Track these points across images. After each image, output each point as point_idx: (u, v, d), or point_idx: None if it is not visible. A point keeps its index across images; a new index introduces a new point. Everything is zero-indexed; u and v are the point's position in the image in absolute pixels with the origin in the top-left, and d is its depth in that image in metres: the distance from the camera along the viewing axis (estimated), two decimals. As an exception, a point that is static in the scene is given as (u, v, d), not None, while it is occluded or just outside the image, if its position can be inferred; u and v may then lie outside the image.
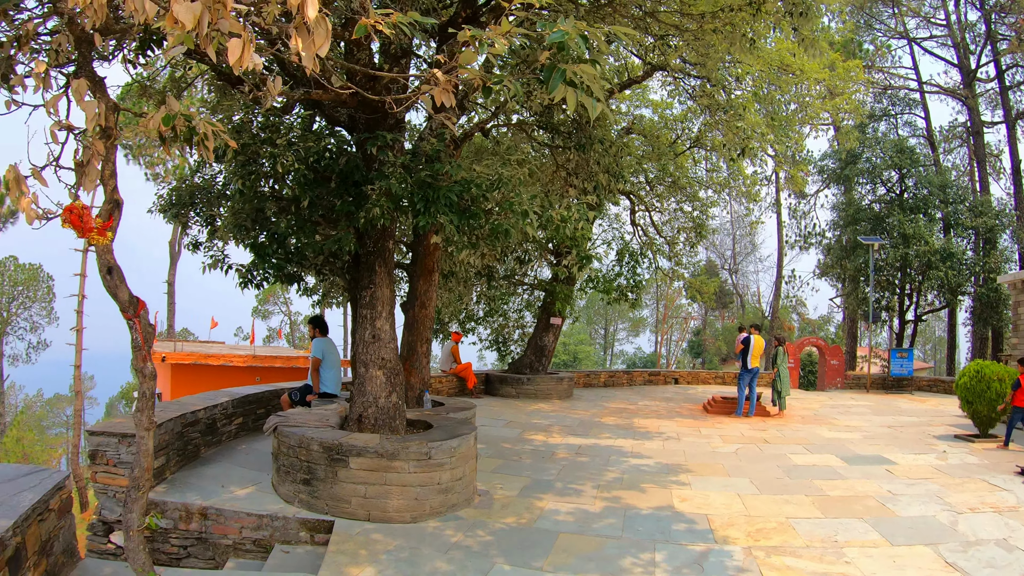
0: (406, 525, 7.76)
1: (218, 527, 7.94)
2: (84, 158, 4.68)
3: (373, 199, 7.96)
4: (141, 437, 5.22)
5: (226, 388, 12.98)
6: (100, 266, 4.91)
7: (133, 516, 5.16)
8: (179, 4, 3.19)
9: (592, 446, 12.91)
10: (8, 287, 31.61)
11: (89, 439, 8.35)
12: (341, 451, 7.90)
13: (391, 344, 9.09)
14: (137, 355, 5.16)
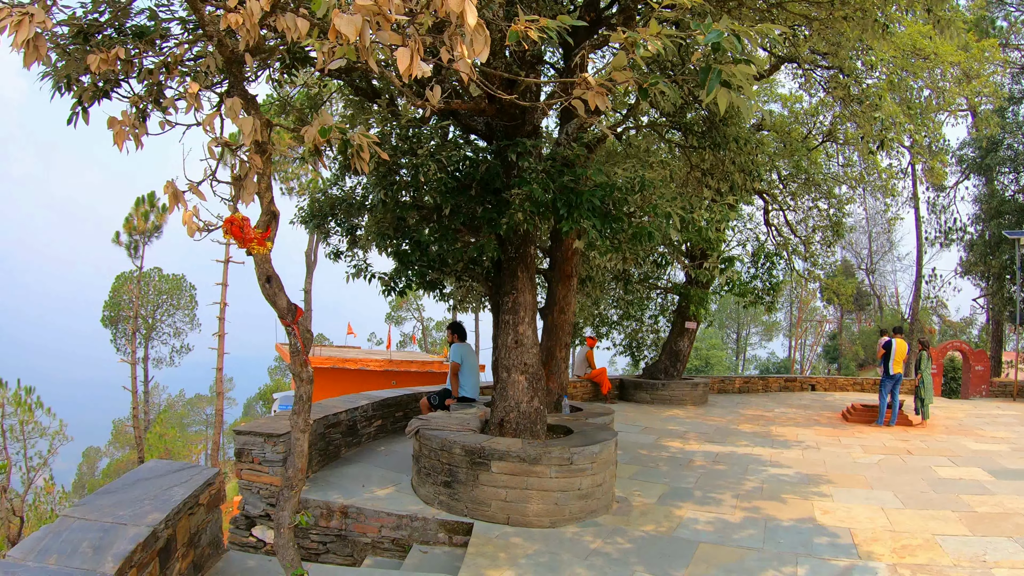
0: (545, 530, 7.72)
1: (358, 525, 8.10)
2: (241, 172, 4.83)
3: (516, 205, 7.95)
4: (296, 438, 5.35)
5: (365, 391, 13.25)
6: (259, 275, 5.05)
7: (285, 514, 5.29)
8: (340, 18, 3.23)
9: (729, 454, 12.61)
10: (153, 296, 33.41)
11: (236, 438, 8.65)
12: (483, 455, 7.92)
13: (533, 349, 9.08)
14: (295, 360, 5.29)
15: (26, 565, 4.12)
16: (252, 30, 3.87)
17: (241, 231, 4.67)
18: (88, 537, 4.50)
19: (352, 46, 3.43)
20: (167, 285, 35.12)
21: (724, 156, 10.82)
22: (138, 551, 4.47)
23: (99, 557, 4.25)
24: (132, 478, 6.06)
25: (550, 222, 8.51)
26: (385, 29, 3.36)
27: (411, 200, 9.45)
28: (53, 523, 4.79)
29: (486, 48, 3.54)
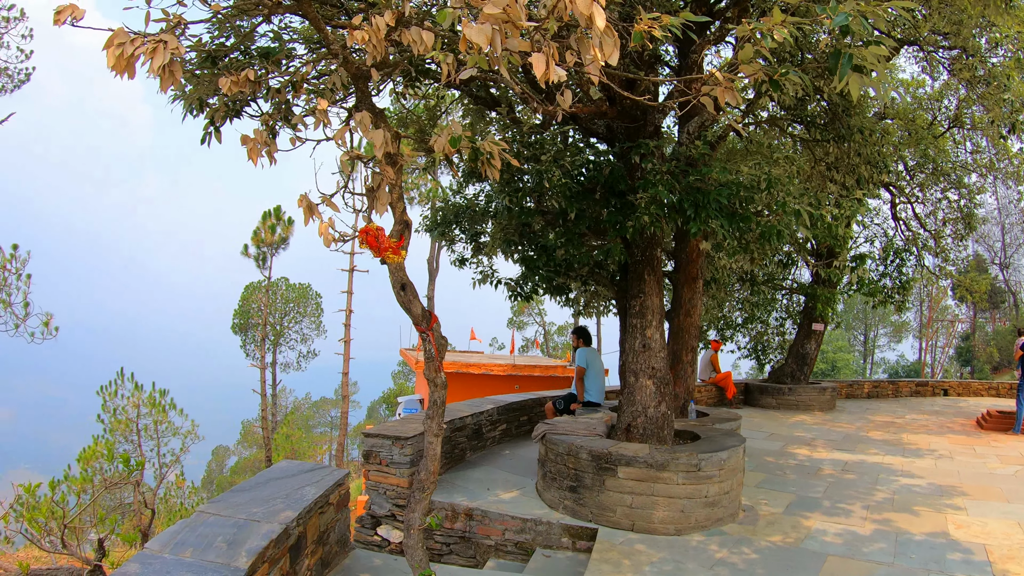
0: (670, 537, 7.56)
1: (482, 528, 8.13)
2: (374, 184, 4.92)
3: (642, 208, 7.85)
4: (430, 442, 5.42)
5: (489, 396, 13.33)
6: (393, 283, 5.14)
7: (416, 515, 5.35)
8: (470, 28, 3.23)
9: (859, 462, 12.14)
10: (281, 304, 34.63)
11: (364, 440, 8.80)
12: (610, 460, 7.81)
13: (661, 353, 8.94)
14: (429, 366, 5.36)
15: (163, 557, 4.28)
16: (379, 46, 3.93)
17: (376, 241, 4.76)
18: (222, 532, 4.65)
19: (483, 55, 3.44)
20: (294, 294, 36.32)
21: (848, 148, 10.42)
22: (271, 547, 4.60)
23: (233, 552, 4.38)
24: (264, 477, 6.25)
25: (676, 224, 8.36)
26: (514, 36, 3.35)
27: (535, 206, 9.45)
28: (189, 518, 4.97)
29: (615, 50, 3.48)
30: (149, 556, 4.28)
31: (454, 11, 3.62)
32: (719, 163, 8.32)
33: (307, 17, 4.55)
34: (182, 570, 4.10)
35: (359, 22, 3.94)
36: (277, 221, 32.06)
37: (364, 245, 4.80)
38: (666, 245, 12.69)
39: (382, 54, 4.02)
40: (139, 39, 3.72)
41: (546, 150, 8.69)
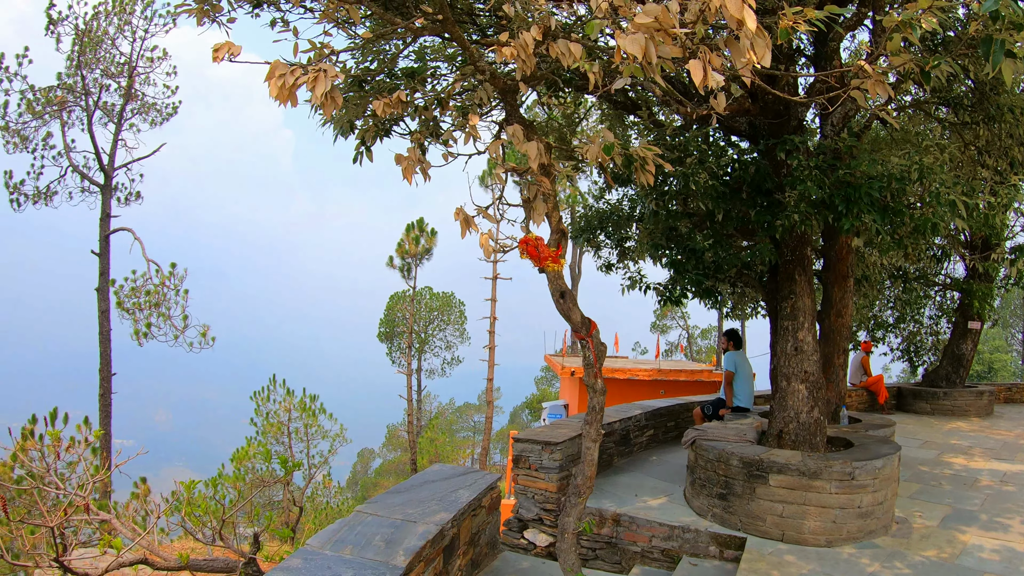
0: (820, 549, 7.35)
1: (629, 534, 8.11)
2: (530, 194, 5.01)
3: (791, 206, 7.68)
4: (588, 447, 5.48)
5: (636, 401, 13.28)
6: (552, 291, 5.23)
7: (570, 520, 5.42)
8: (624, 38, 3.27)
9: (1018, 473, 11.43)
10: (425, 312, 35.45)
11: (514, 445, 8.92)
12: (761, 467, 7.65)
13: (814, 356, 8.70)
14: (589, 371, 5.42)
15: (324, 554, 4.49)
16: (528, 60, 4.01)
17: (536, 250, 4.86)
18: (380, 532, 4.83)
19: (637, 64, 3.47)
20: (437, 302, 37.13)
21: (999, 129, 9.84)
22: (427, 547, 4.74)
23: (391, 550, 4.54)
24: (419, 479, 6.44)
25: (825, 221, 8.12)
26: (667, 43, 3.37)
27: (681, 208, 9.36)
28: (347, 517, 5.19)
29: (767, 51, 3.46)
30: (311, 552, 4.49)
31: (602, 22, 3.67)
32: (866, 154, 8.02)
33: (452, 37, 4.69)
34: (342, 567, 4.28)
35: (505, 39, 4.03)
36: (420, 232, 32.84)
37: (524, 255, 4.89)
38: (814, 243, 12.35)
39: (531, 68, 4.09)
40: (298, 69, 3.92)
41: (690, 152, 8.60)
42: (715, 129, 9.77)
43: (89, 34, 23.09)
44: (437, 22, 4.55)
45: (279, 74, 3.83)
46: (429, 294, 36.64)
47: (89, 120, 24.03)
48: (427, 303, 36.21)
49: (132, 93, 24.75)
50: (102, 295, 23.49)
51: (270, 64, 3.93)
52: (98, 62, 23.87)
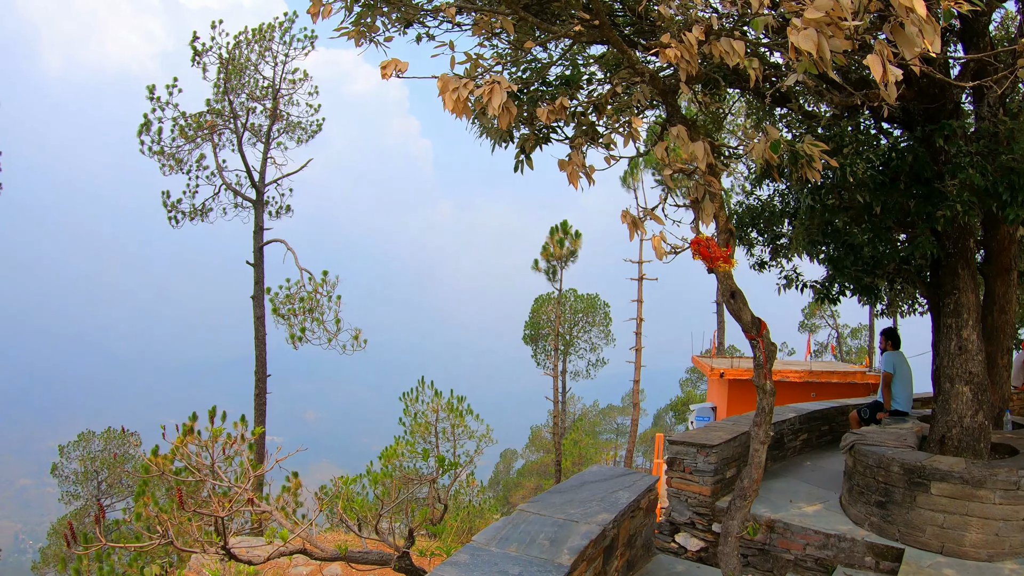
0: (980, 563, 6.97)
1: (783, 541, 7.95)
2: (698, 194, 5.01)
3: (953, 195, 7.33)
4: (756, 450, 5.44)
5: (788, 404, 12.98)
6: (723, 291, 5.21)
7: (734, 523, 5.37)
8: (796, 35, 3.24)
9: None
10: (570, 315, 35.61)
11: (668, 447, 8.89)
12: (923, 474, 7.30)
13: (978, 356, 8.24)
14: (758, 372, 5.38)
15: (490, 550, 4.60)
16: (692, 61, 4.00)
17: (708, 250, 4.85)
18: (544, 531, 4.91)
19: (811, 60, 3.42)
20: (582, 304, 37.22)
21: None
22: (590, 547, 4.80)
23: (555, 549, 4.62)
24: (579, 480, 6.51)
25: (988, 210, 7.71)
26: (838, 37, 3.31)
27: (837, 202, 9.07)
28: (510, 515, 5.29)
29: (937, 37, 3.35)
30: (477, 548, 4.61)
31: (766, 18, 3.63)
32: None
33: (609, 42, 4.71)
34: (509, 563, 4.38)
35: (667, 40, 4.04)
36: (565, 235, 32.96)
37: (697, 256, 4.89)
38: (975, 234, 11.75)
39: (695, 69, 4.09)
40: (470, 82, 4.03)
41: (846, 142, 8.31)
42: (865, 117, 9.43)
43: (233, 62, 24.83)
44: (594, 28, 4.59)
45: (452, 88, 3.94)
46: (574, 296, 36.74)
47: (239, 141, 25.78)
48: (572, 305, 36.31)
49: (277, 114, 26.40)
50: (257, 302, 25.14)
51: (437, 78, 4.05)
52: (243, 87, 25.69)
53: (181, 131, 24.44)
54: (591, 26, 4.56)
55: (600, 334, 38.49)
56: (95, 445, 36.46)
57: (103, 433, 36.77)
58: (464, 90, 3.94)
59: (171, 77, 24.25)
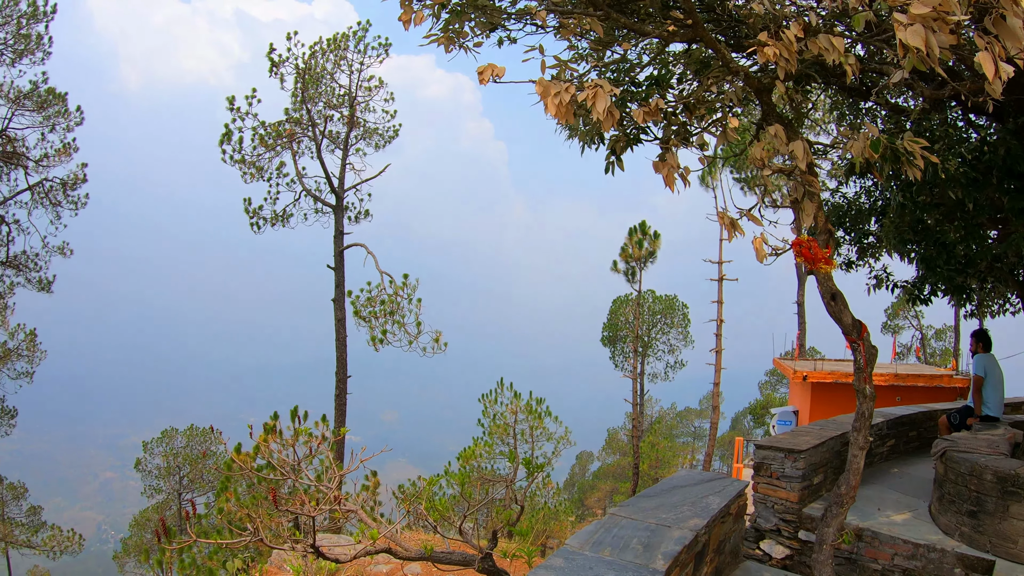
0: (1073, 579, 6.69)
1: (870, 550, 7.78)
2: (797, 194, 4.93)
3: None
4: (854, 455, 5.35)
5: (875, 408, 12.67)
6: (823, 293, 5.14)
7: (830, 531, 5.29)
8: (904, 31, 3.18)
9: None
10: (648, 316, 35.41)
11: (755, 452, 8.78)
12: (1017, 483, 7.03)
13: (1074, 360, 8.00)
14: (859, 376, 5.30)
15: (584, 554, 4.59)
16: (791, 58, 3.94)
17: (811, 252, 4.79)
18: (637, 535, 4.89)
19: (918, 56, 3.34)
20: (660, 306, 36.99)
21: None
22: (683, 552, 4.76)
23: (649, 554, 4.59)
24: (668, 484, 6.46)
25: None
26: (943, 32, 3.23)
27: (928, 199, 8.82)
28: (602, 519, 5.28)
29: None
30: (571, 552, 4.61)
31: (866, 13, 3.57)
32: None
33: (703, 41, 4.67)
34: (604, 568, 4.37)
35: (764, 38, 3.98)
36: (643, 236, 32.81)
37: (800, 258, 4.83)
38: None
39: (794, 67, 4.03)
40: (571, 86, 4.02)
41: (937, 137, 8.07)
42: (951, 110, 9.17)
43: (309, 71, 25.48)
44: (687, 27, 4.55)
45: (554, 92, 3.95)
46: (652, 297, 36.51)
47: (318, 148, 26.48)
48: (650, 307, 36.09)
49: (355, 121, 26.98)
50: (338, 305, 25.73)
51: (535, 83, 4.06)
52: (320, 95, 26.33)
53: (261, 140, 25.19)
54: (684, 25, 4.53)
55: (679, 335, 38.15)
56: (178, 442, 37.85)
57: (185, 430, 38.08)
58: (566, 94, 3.93)
59: (248, 88, 25.07)
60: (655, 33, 4.66)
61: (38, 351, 30.29)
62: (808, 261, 4.79)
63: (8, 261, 25.52)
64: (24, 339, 29.98)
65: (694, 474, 6.96)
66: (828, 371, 22.17)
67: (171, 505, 37.82)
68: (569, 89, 3.96)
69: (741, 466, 23.01)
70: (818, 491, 8.85)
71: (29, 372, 30.22)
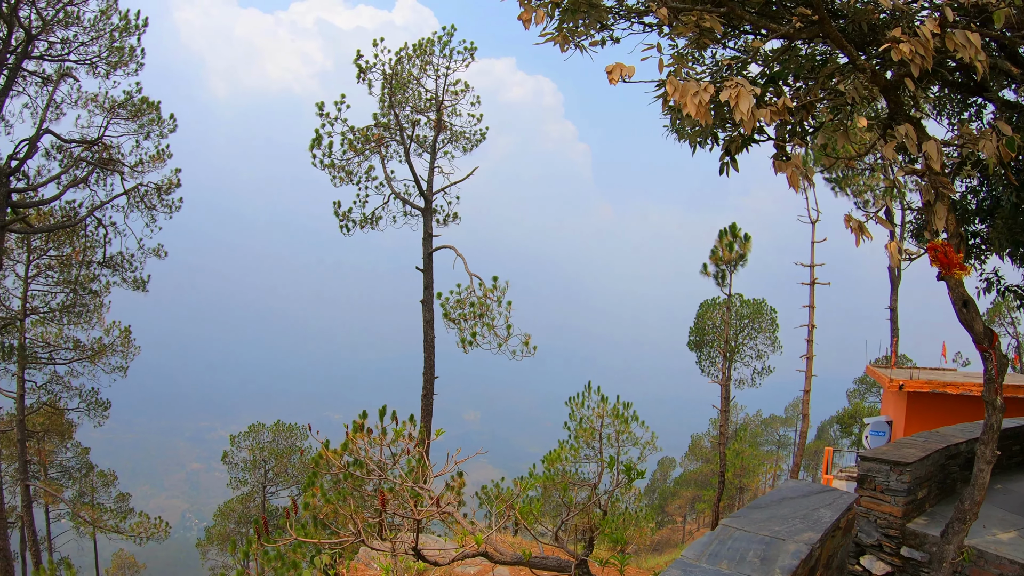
0: None
1: (976, 570, 7.47)
2: (929, 197, 4.76)
3: None
4: (981, 470, 5.15)
5: (976, 421, 12.22)
6: (955, 299, 4.97)
7: (951, 548, 5.11)
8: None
9: None
10: (735, 320, 34.81)
11: (860, 464, 8.52)
12: None
13: None
14: (989, 387, 5.11)
15: (701, 566, 4.50)
16: (927, 55, 3.80)
17: (946, 256, 4.63)
18: (752, 548, 4.77)
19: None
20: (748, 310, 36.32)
21: None
22: (800, 566, 4.63)
23: (766, 568, 4.48)
24: (777, 495, 6.32)
25: None
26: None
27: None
28: (715, 531, 5.18)
29: None
30: (688, 564, 4.53)
31: (1008, 10, 3.41)
32: None
33: (829, 37, 4.52)
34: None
35: (899, 34, 3.83)
36: (734, 238, 32.26)
37: (935, 263, 4.67)
38: None
39: (930, 64, 3.87)
40: (710, 86, 3.93)
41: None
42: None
43: (396, 77, 25.96)
44: (812, 23, 4.42)
45: (693, 92, 3.86)
46: (740, 301, 35.85)
47: (406, 152, 26.98)
48: (738, 311, 35.42)
49: (442, 124, 27.33)
50: (426, 307, 26.18)
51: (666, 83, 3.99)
52: (407, 100, 26.78)
53: (350, 144, 25.80)
54: (810, 21, 4.40)
55: (767, 340, 37.37)
56: (264, 436, 38.82)
57: (272, 426, 39.03)
58: (705, 94, 3.84)
59: (332, 94, 25.73)
60: (781, 31, 4.53)
61: (132, 347, 31.45)
62: (943, 266, 4.62)
63: (105, 261, 26.68)
64: (119, 335, 31.19)
65: (802, 485, 6.80)
66: (925, 380, 21.44)
67: (255, 497, 38.92)
68: (708, 88, 3.87)
69: (830, 477, 22.47)
70: (922, 506, 8.54)
71: (123, 367, 31.46)
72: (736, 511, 5.94)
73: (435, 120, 27.00)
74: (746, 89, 3.83)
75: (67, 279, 29.08)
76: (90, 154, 24.06)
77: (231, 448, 38.63)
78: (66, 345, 30.90)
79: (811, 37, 4.96)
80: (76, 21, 21.80)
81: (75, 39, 22.20)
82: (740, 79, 3.88)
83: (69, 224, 26.47)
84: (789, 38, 4.88)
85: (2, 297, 27.02)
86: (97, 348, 30.91)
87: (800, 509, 5.81)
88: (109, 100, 23.65)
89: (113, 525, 28.83)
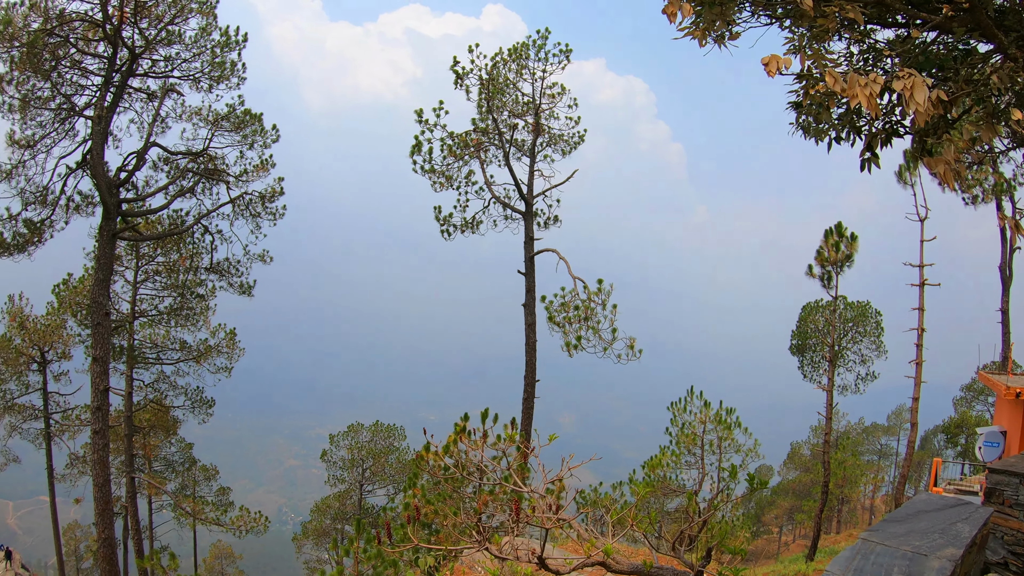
0: None
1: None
2: None
3: None
4: None
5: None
6: None
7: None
8: None
9: None
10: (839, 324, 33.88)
11: (989, 476, 8.17)
12: None
13: None
14: None
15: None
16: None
17: None
18: (896, 563, 4.60)
19: None
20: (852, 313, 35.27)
21: None
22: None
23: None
24: (912, 508, 6.10)
25: None
26: None
27: None
28: (855, 545, 5.01)
29: None
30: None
31: None
32: None
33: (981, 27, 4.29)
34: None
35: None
36: (840, 238, 31.39)
37: None
38: None
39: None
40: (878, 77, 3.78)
41: None
42: None
43: (493, 82, 26.29)
44: (963, 11, 4.20)
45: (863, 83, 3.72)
46: (844, 303, 34.79)
47: (506, 156, 27.33)
48: (841, 314, 34.37)
49: (540, 128, 27.54)
50: (528, 310, 26.36)
51: (827, 74, 3.85)
52: (505, 105, 27.16)
53: (449, 150, 26.26)
54: (962, 10, 4.18)
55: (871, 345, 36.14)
56: (363, 436, 39.62)
57: (371, 426, 39.77)
58: (875, 85, 3.69)
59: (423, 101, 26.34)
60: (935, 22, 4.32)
61: (237, 348, 32.49)
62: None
63: (212, 267, 27.68)
64: (224, 337, 32.27)
65: (935, 498, 6.52)
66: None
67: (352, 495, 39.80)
68: (877, 80, 3.71)
69: (939, 489, 21.62)
70: (1052, 522, 8.10)
71: (228, 367, 32.58)
72: (873, 524, 5.75)
73: (533, 123, 27.21)
74: (919, 80, 3.64)
75: (174, 284, 30.66)
76: (196, 165, 25.09)
77: (330, 447, 39.64)
78: (173, 346, 32.35)
79: (964, 26, 4.72)
80: (178, 39, 22.72)
81: (177, 56, 23.19)
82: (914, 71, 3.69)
83: (177, 232, 27.89)
84: (940, 28, 4.65)
85: (113, 301, 28.03)
86: (203, 349, 32.10)
87: (938, 523, 5.58)
88: (213, 113, 24.60)
89: (215, 517, 29.86)
